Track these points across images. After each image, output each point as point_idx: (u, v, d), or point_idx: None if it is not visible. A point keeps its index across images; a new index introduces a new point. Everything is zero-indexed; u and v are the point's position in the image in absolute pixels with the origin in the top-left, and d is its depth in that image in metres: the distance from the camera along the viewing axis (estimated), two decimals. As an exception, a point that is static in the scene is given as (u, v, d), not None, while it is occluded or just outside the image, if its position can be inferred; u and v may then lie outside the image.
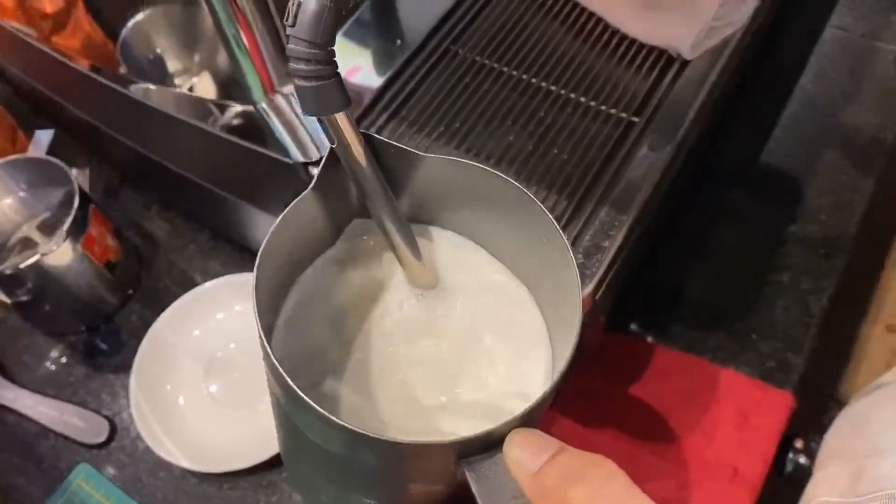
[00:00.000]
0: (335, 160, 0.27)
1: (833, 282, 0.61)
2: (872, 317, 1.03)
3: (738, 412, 0.56)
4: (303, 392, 0.28)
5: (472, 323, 0.31)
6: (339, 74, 0.24)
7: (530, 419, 0.24)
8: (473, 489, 0.23)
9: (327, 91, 0.24)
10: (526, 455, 0.23)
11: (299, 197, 0.27)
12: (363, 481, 0.27)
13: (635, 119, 0.47)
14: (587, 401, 0.55)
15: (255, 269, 0.25)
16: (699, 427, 0.56)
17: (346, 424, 0.22)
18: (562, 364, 0.24)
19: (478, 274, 0.32)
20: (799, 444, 0.57)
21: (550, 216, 0.26)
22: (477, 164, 0.28)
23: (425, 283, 0.31)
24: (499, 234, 0.31)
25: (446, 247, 0.32)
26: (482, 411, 0.29)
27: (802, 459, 0.57)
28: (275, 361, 0.23)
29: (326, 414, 0.22)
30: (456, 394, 0.29)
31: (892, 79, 0.72)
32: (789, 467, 0.57)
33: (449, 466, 0.24)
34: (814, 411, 0.63)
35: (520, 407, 0.28)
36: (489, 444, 0.23)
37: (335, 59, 0.24)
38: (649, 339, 0.59)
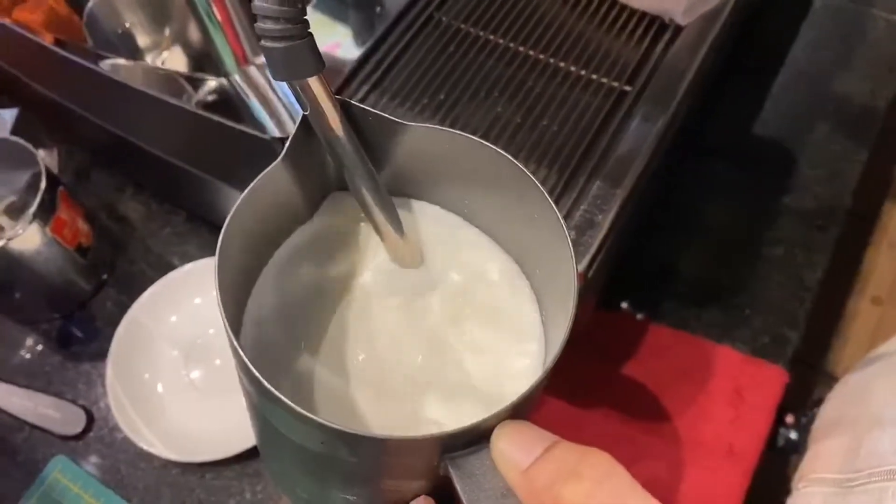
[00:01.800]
0: (308, 129, 0.25)
1: (828, 254, 0.60)
2: (859, 288, 1.03)
3: (732, 389, 0.55)
4: (275, 376, 0.26)
5: (458, 303, 0.29)
6: (310, 34, 0.22)
7: (520, 410, 0.22)
8: (457, 488, 0.22)
9: (298, 52, 0.22)
10: (515, 449, 0.21)
11: (267, 169, 0.24)
12: (341, 477, 0.25)
13: (627, 88, 0.45)
14: (577, 380, 0.54)
15: (217, 250, 0.23)
16: (693, 405, 0.55)
17: (322, 421, 0.20)
18: (554, 350, 0.22)
19: (464, 250, 0.30)
20: (790, 419, 0.57)
21: (543, 190, 0.25)
22: (463, 134, 0.26)
23: (409, 262, 0.29)
24: (487, 209, 0.29)
25: (430, 222, 0.30)
26: (467, 397, 0.27)
27: (793, 434, 0.56)
28: (242, 355, 0.21)
29: (301, 410, 0.20)
30: (439, 378, 0.28)
31: (885, 46, 0.71)
32: (780, 442, 0.56)
33: (432, 462, 0.23)
34: (803, 385, 0.63)
35: (507, 393, 0.27)
36: (475, 437, 0.22)
37: (306, 17, 0.22)
38: (641, 317, 0.58)
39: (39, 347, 0.61)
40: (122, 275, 0.63)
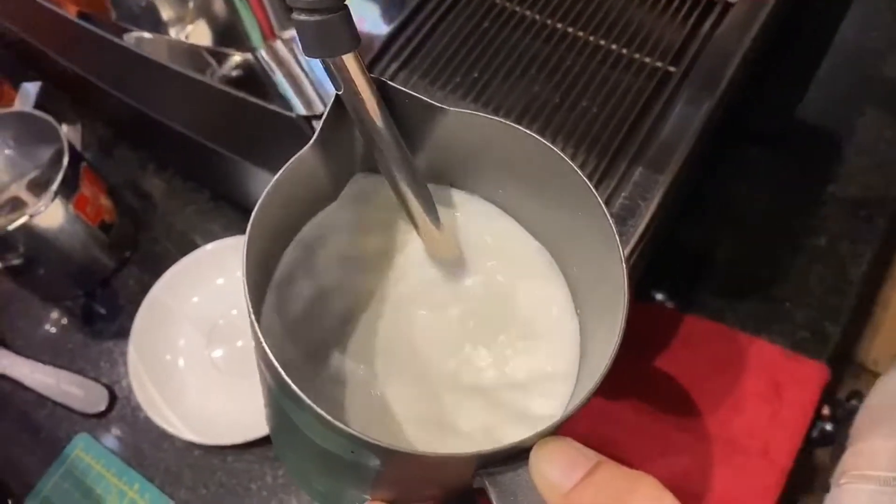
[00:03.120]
0: (341, 110, 0.23)
1: (874, 247, 0.57)
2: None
3: (769, 385, 0.53)
4: (300, 365, 0.25)
5: (496, 301, 0.28)
6: (346, 6, 0.20)
7: (561, 427, 0.21)
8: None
9: (332, 27, 0.20)
10: (556, 471, 0.20)
11: (298, 154, 0.23)
12: (365, 482, 0.24)
13: (672, 69, 0.43)
14: (608, 372, 0.52)
15: (244, 242, 0.21)
16: (727, 401, 0.53)
17: (359, 434, 0.19)
18: (603, 364, 0.21)
19: (504, 245, 0.28)
20: (826, 410, 0.54)
21: (591, 187, 0.23)
22: (505, 121, 0.24)
23: (446, 255, 0.27)
24: (524, 200, 0.27)
25: (470, 213, 0.28)
26: (499, 401, 0.26)
27: (829, 426, 0.54)
28: (268, 351, 0.20)
29: (336, 422, 0.19)
30: (472, 381, 0.26)
31: (941, 27, 0.67)
32: (815, 434, 0.54)
33: (466, 475, 0.21)
34: (841, 376, 0.60)
35: (538, 402, 0.25)
36: (514, 454, 0.20)
37: (342, -12, 0.20)
38: (675, 308, 0.56)
39: (63, 324, 0.61)
40: (145, 253, 0.62)
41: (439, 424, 0.25)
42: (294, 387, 0.19)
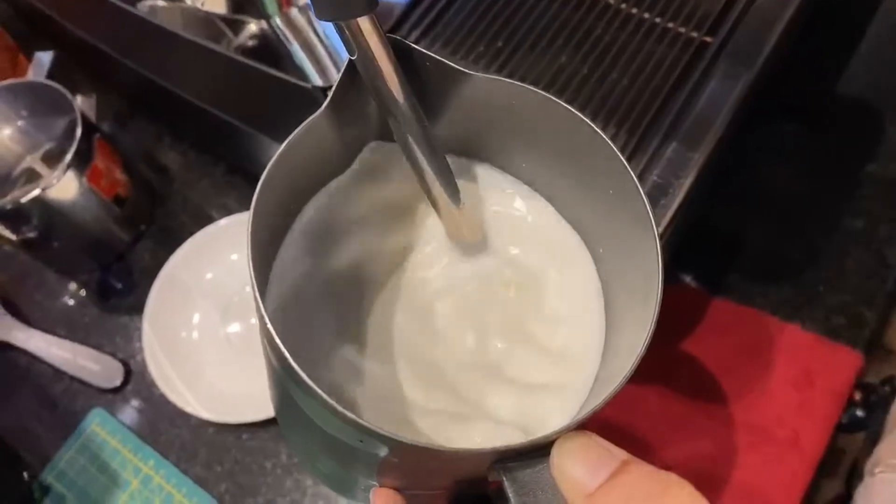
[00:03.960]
0: (354, 75, 0.21)
1: (917, 229, 0.54)
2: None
3: (800, 372, 0.51)
4: (308, 348, 0.23)
5: (520, 284, 0.26)
6: (362, -37, 0.19)
7: (585, 423, 0.19)
8: (511, 500, 0.19)
9: (347, -14, 0.19)
10: (580, 469, 0.18)
11: (308, 120, 0.21)
12: (371, 467, 0.22)
13: (708, 39, 0.40)
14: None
15: (251, 208, 0.20)
16: (756, 387, 0.51)
17: (368, 425, 0.17)
18: (632, 357, 0.19)
19: (530, 224, 0.26)
20: (857, 396, 0.52)
21: (626, 163, 0.21)
22: (536, 90, 0.22)
23: (468, 239, 0.25)
24: (554, 178, 0.26)
25: (493, 189, 0.27)
26: (522, 389, 0.24)
27: (860, 412, 0.52)
28: (273, 332, 0.18)
29: (347, 412, 0.17)
30: (491, 367, 0.25)
31: None
32: (845, 420, 0.52)
33: (481, 468, 0.20)
34: (874, 360, 0.58)
35: (567, 389, 0.24)
36: (533, 449, 0.19)
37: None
38: (703, 291, 0.54)
39: (78, 298, 0.60)
40: (161, 226, 0.62)
41: (455, 411, 0.24)
42: (302, 373, 0.18)
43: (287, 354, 0.18)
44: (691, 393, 0.51)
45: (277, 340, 0.18)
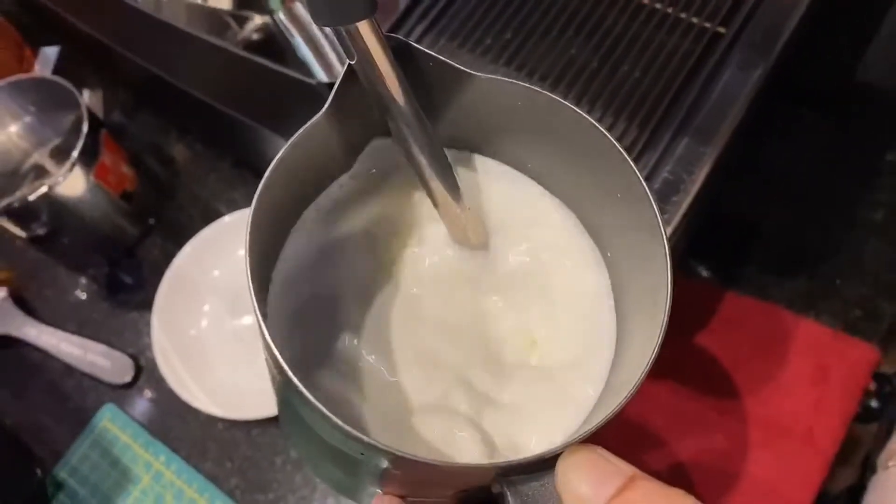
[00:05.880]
0: (354, 78, 0.21)
1: (938, 220, 0.53)
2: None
3: (816, 367, 0.50)
4: (308, 352, 0.23)
5: (525, 281, 0.25)
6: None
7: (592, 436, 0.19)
8: None
9: (344, -11, 0.18)
10: (585, 484, 0.18)
11: (309, 123, 0.21)
12: (374, 476, 0.22)
13: (721, 30, 0.39)
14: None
15: (250, 210, 0.20)
16: (770, 382, 0.50)
17: (371, 441, 0.17)
18: (641, 368, 0.19)
19: (535, 219, 0.26)
20: (872, 386, 0.52)
21: (635, 168, 0.20)
22: (540, 90, 0.21)
23: (472, 240, 0.25)
24: (559, 178, 0.25)
25: (498, 182, 0.26)
26: (528, 391, 0.24)
27: (875, 403, 0.51)
28: (271, 344, 0.18)
29: (337, 420, 0.17)
30: (496, 367, 0.24)
31: None
32: (859, 409, 0.51)
33: (484, 481, 0.20)
34: (889, 351, 0.57)
35: (573, 390, 0.23)
36: (538, 462, 0.18)
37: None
38: (717, 283, 0.53)
39: (88, 294, 0.60)
40: (169, 221, 0.61)
41: (458, 415, 0.23)
42: (303, 388, 0.18)
43: (286, 367, 0.18)
44: (705, 387, 0.51)
45: (276, 352, 0.18)
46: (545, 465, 0.19)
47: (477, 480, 0.20)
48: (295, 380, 0.18)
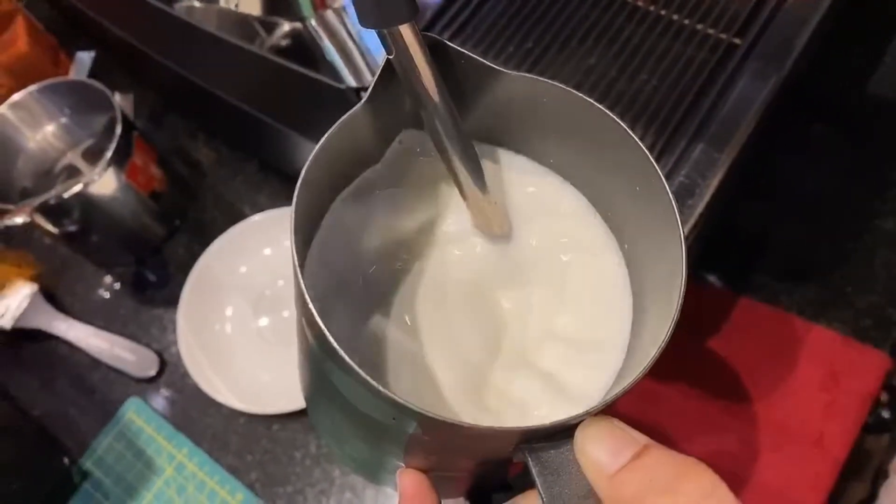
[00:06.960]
0: (391, 73, 0.22)
1: (948, 231, 0.54)
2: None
3: (826, 373, 0.51)
4: (342, 327, 0.24)
5: (547, 269, 0.27)
6: (406, -27, 0.20)
7: (609, 407, 0.20)
8: (536, 480, 0.20)
9: (391, -6, 0.19)
10: (602, 451, 0.19)
11: (346, 115, 0.22)
12: (403, 448, 0.23)
13: (737, 41, 0.41)
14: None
15: (294, 197, 0.21)
16: (781, 387, 0.51)
17: (405, 402, 0.18)
18: (655, 347, 0.20)
19: (556, 210, 0.27)
20: (883, 397, 0.52)
21: (656, 166, 0.22)
22: (569, 89, 0.23)
23: (495, 230, 0.26)
24: (581, 174, 0.26)
25: (521, 175, 0.27)
26: (548, 372, 0.25)
27: (886, 414, 0.52)
28: (313, 309, 0.19)
29: (383, 389, 0.18)
30: (520, 350, 0.26)
31: None
32: (870, 420, 0.52)
33: (504, 449, 0.21)
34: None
35: (590, 374, 0.24)
36: (558, 431, 0.20)
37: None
38: (729, 290, 0.54)
39: (115, 290, 0.62)
40: (195, 221, 0.63)
41: (482, 392, 0.25)
42: (339, 349, 0.19)
43: (325, 330, 0.19)
44: (716, 392, 0.52)
45: (317, 317, 0.19)
46: (566, 432, 0.20)
47: (499, 447, 0.21)
48: (333, 341, 0.19)
